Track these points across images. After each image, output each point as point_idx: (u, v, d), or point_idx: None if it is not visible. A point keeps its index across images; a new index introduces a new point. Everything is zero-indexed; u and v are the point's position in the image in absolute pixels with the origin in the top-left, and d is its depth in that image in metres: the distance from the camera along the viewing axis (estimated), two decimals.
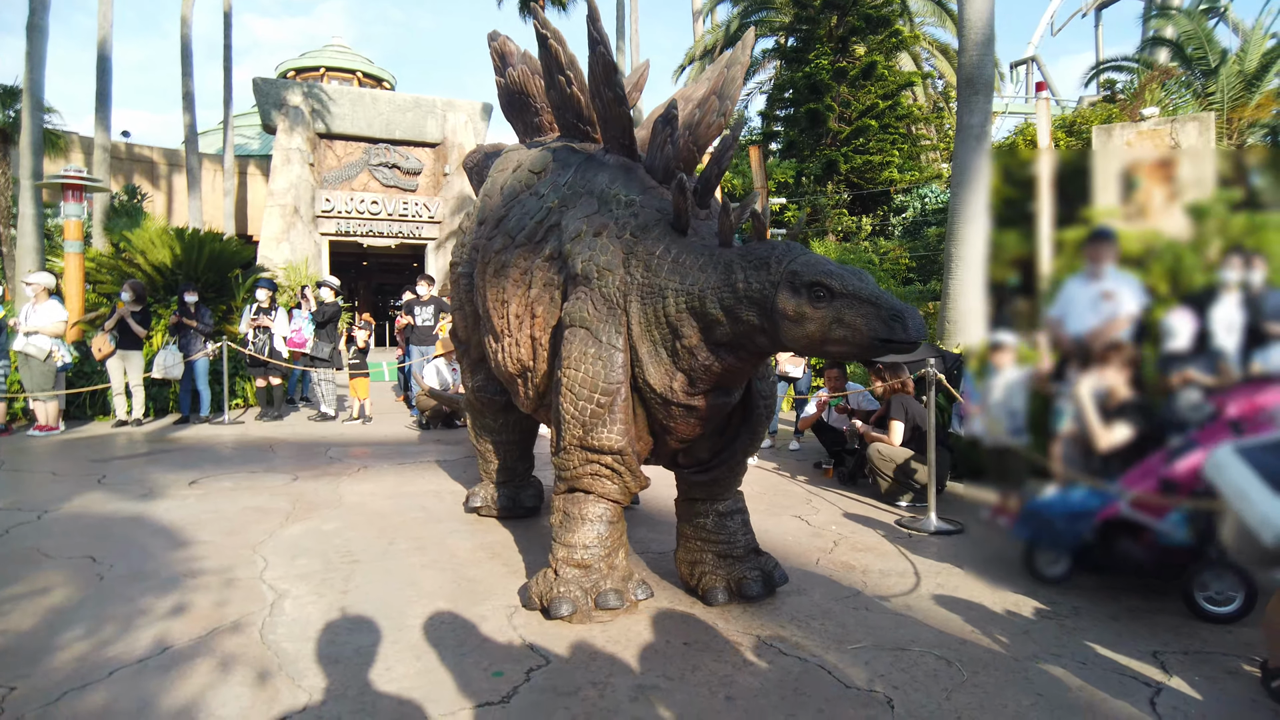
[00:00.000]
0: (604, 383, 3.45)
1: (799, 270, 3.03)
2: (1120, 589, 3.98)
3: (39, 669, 3.09)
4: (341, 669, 3.10)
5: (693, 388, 3.44)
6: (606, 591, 3.55)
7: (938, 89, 22.02)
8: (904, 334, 2.82)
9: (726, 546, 3.87)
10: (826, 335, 2.98)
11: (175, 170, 26.47)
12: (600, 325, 3.51)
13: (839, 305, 2.94)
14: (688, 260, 3.39)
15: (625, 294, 3.52)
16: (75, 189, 10.99)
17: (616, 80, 3.75)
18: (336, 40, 36.98)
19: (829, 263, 3.07)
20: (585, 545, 3.60)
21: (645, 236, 3.55)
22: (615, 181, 3.86)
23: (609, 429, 3.46)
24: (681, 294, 3.35)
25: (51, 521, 5.24)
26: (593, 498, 3.65)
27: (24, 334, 8.98)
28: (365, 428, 10.05)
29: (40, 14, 12.61)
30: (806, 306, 2.99)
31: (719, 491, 3.92)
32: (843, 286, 2.94)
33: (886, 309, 2.86)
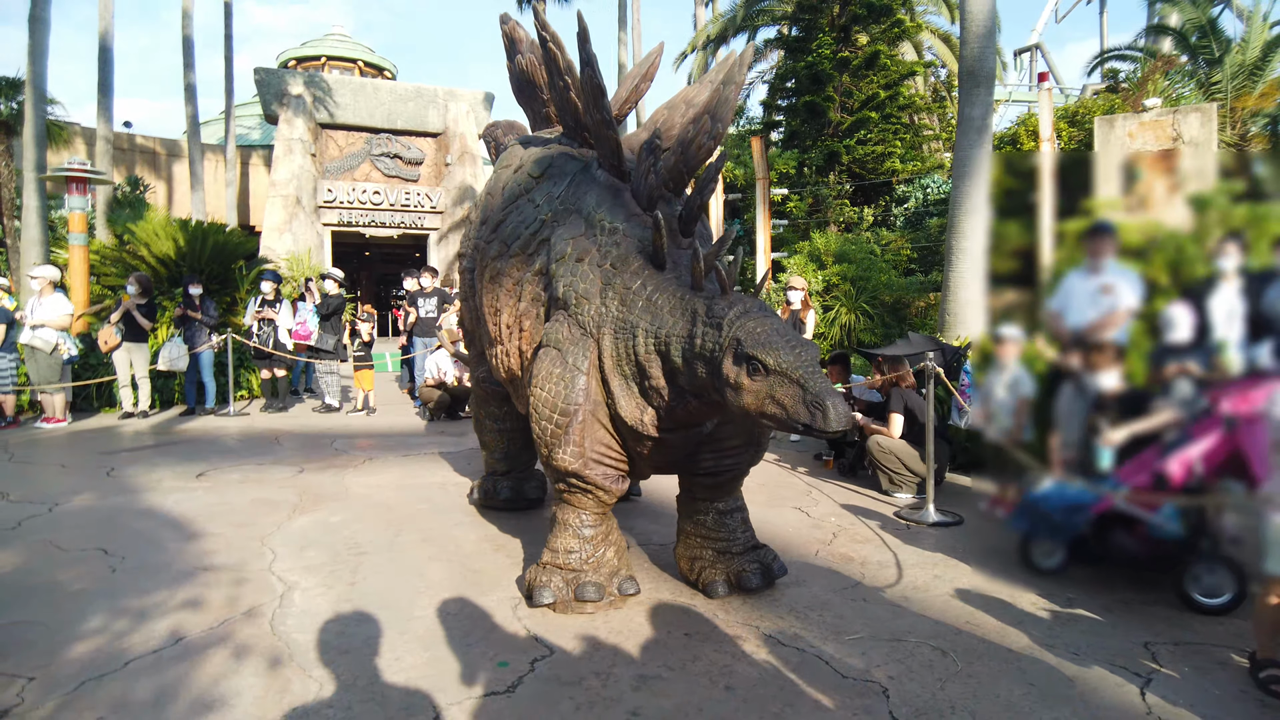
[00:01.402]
0: (563, 403, 3.53)
1: (741, 339, 2.99)
2: (1114, 581, 4.04)
3: (57, 660, 3.17)
4: (351, 659, 3.18)
5: (661, 423, 3.49)
6: (585, 584, 3.64)
7: (940, 77, 21.96)
8: (822, 423, 2.79)
9: (726, 543, 3.94)
10: (761, 409, 2.97)
11: (177, 161, 26.47)
12: (570, 348, 3.60)
13: (772, 382, 2.93)
14: (660, 301, 3.41)
15: (599, 324, 3.57)
16: (79, 182, 11.02)
17: (604, 104, 3.78)
18: (337, 29, 36.87)
19: (775, 334, 3.01)
20: (568, 550, 3.73)
21: (624, 269, 3.57)
22: (602, 204, 3.88)
23: (563, 450, 3.55)
24: (650, 335, 3.38)
25: (63, 514, 5.32)
26: (574, 507, 3.78)
27: (30, 327, 9.05)
28: (370, 419, 10.13)
29: (42, 6, 12.60)
30: (744, 377, 2.98)
31: (721, 494, 3.99)
32: (776, 363, 2.91)
33: (811, 394, 2.84)
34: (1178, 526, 3.74)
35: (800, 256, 12.94)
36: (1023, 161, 10.62)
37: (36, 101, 12.76)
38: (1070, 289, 4.29)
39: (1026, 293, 4.52)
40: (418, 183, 23.25)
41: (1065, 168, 4.72)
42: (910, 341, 6.74)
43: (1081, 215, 4.24)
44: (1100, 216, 4.25)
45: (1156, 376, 3.90)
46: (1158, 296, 4.02)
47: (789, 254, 13.71)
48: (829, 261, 12.68)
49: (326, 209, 21.97)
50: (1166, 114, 11.27)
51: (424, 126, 23.04)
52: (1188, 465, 3.66)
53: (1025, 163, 9.29)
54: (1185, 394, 3.78)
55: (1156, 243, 4.10)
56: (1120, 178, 4.38)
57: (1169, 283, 4.04)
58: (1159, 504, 3.70)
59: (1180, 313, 3.87)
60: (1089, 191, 4.33)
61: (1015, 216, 4.64)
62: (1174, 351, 3.84)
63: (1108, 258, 4.15)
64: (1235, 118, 15.12)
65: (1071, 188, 4.36)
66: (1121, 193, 4.31)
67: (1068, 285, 4.30)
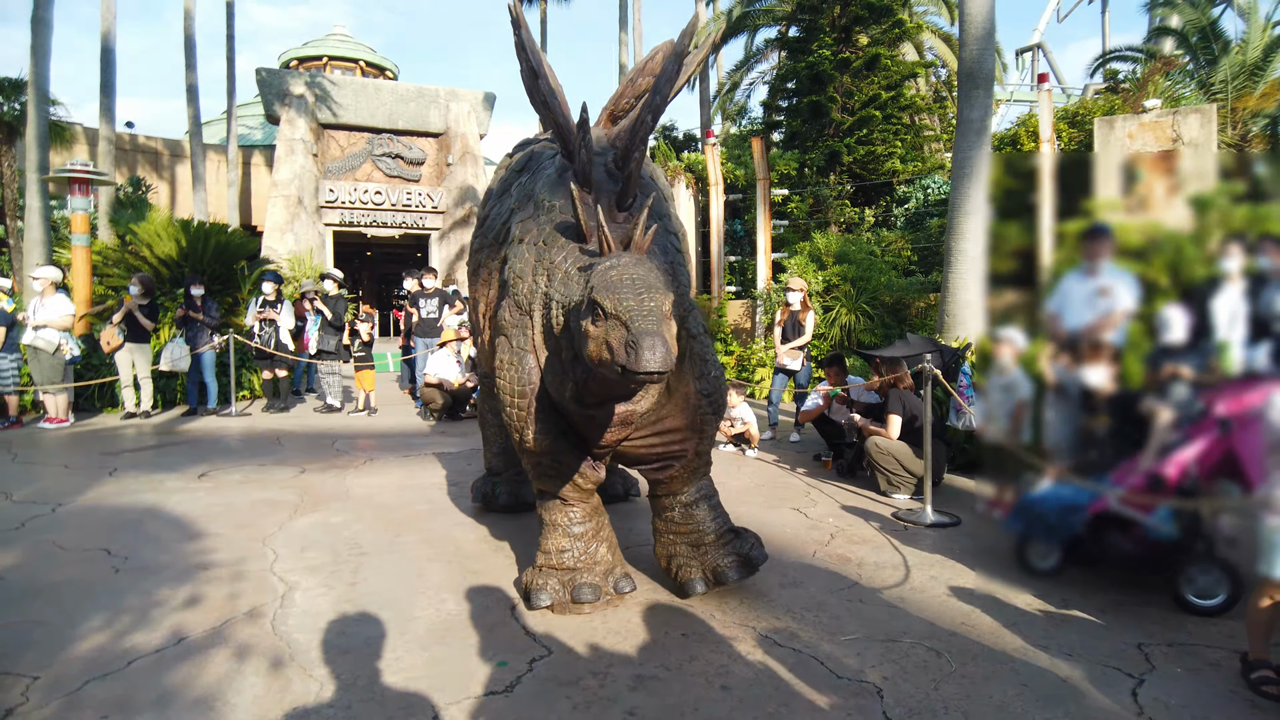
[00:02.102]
0: (518, 386, 3.56)
1: (594, 285, 2.93)
2: (1109, 582, 4.07)
3: (61, 659, 3.21)
4: (351, 659, 3.21)
5: (581, 397, 3.40)
6: (581, 586, 3.63)
7: (940, 78, 21.97)
8: (634, 363, 2.67)
9: (697, 535, 3.88)
10: (599, 356, 2.87)
11: (179, 161, 26.51)
12: (513, 331, 3.61)
13: (609, 326, 2.84)
14: (573, 272, 3.36)
15: (530, 301, 3.56)
16: (81, 183, 11.06)
17: (538, 86, 3.77)
18: (339, 29, 36.91)
19: (627, 281, 2.90)
20: (561, 550, 3.74)
21: (553, 244, 3.53)
22: (547, 186, 3.85)
23: (530, 430, 3.57)
24: (560, 305, 3.34)
25: (66, 515, 5.36)
26: (560, 503, 3.78)
27: (33, 328, 9.09)
28: (371, 419, 10.17)
29: (44, 7, 12.65)
30: (589, 324, 2.91)
31: (678, 486, 3.91)
32: (614, 306, 2.81)
33: (631, 335, 2.73)
34: (1172, 528, 3.76)
35: (801, 257, 12.96)
36: (1022, 162, 10.64)
37: (39, 102, 12.81)
38: (1068, 290, 4.31)
39: (1026, 294, 4.53)
40: (419, 183, 23.28)
41: (1065, 169, 4.73)
42: (909, 343, 6.77)
43: (1081, 216, 4.25)
44: (1097, 219, 4.26)
45: (1153, 378, 3.93)
46: (1157, 297, 4.03)
47: (789, 254, 13.73)
48: (829, 262, 12.71)
49: (328, 209, 22.01)
50: (1166, 115, 11.28)
51: (425, 127, 23.08)
52: (1183, 467, 3.69)
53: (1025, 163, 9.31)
54: (1180, 396, 3.80)
55: (1156, 244, 4.11)
56: (1120, 179, 4.40)
57: (1168, 284, 4.06)
58: (1154, 505, 3.73)
59: (1177, 314, 3.88)
60: (1089, 192, 4.34)
61: (1015, 217, 4.66)
62: (1171, 353, 3.86)
63: (1105, 260, 4.17)
64: (1236, 118, 15.14)
65: (1071, 189, 4.38)
66: (1121, 194, 4.33)
67: (1065, 287, 4.32)
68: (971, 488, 6.20)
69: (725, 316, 13.94)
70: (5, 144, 17.77)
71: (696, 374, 3.72)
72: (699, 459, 3.88)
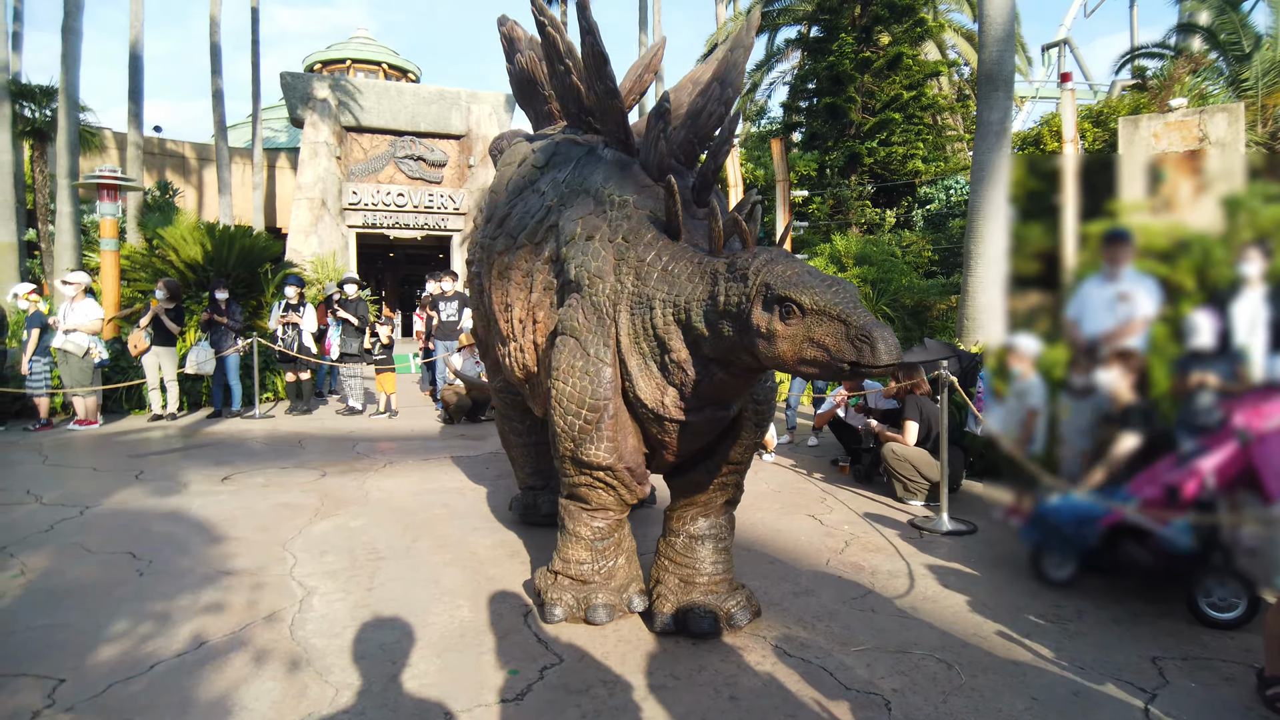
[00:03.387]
0: (590, 398, 3.35)
1: (771, 283, 2.76)
2: (1125, 592, 4.04)
3: (86, 662, 3.29)
4: (367, 665, 3.26)
5: (685, 403, 3.28)
6: (596, 606, 3.58)
7: (963, 76, 21.79)
8: (871, 357, 2.54)
9: (690, 572, 3.66)
10: (799, 355, 2.73)
11: (206, 164, 26.93)
12: (589, 336, 3.41)
13: (809, 322, 2.68)
14: (676, 269, 3.22)
15: (615, 303, 3.38)
16: (110, 189, 11.27)
17: (608, 72, 3.63)
18: (361, 32, 37.31)
19: (808, 274, 2.78)
20: (579, 561, 3.65)
21: (637, 241, 3.38)
22: (610, 180, 3.68)
23: (596, 446, 3.38)
24: (669, 305, 3.19)
25: (93, 517, 5.48)
26: (587, 512, 3.64)
27: (63, 332, 9.29)
28: (391, 422, 10.28)
29: (75, 16, 12.91)
30: (778, 323, 2.74)
31: (694, 513, 3.72)
32: (813, 302, 2.67)
33: (856, 328, 2.58)
34: (1189, 539, 3.73)
35: (820, 259, 12.93)
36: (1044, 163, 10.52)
37: (70, 110, 13.08)
38: (1087, 296, 4.26)
39: (1047, 297, 4.49)
40: (441, 184, 23.48)
41: (1088, 169, 4.68)
42: (926, 348, 6.75)
43: (1105, 218, 4.19)
44: (1116, 224, 4.20)
45: (1179, 386, 3.88)
46: (1183, 301, 3.98)
47: (809, 256, 13.70)
48: (849, 264, 12.67)
49: (351, 211, 22.27)
50: (1193, 114, 11.13)
51: (447, 129, 23.27)
52: (1200, 479, 3.65)
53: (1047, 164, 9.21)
54: (1203, 405, 3.76)
55: (1182, 246, 4.05)
56: (1145, 179, 4.34)
57: (1194, 288, 4.00)
58: (1171, 518, 3.69)
59: (1204, 320, 3.80)
60: (1113, 194, 4.28)
61: (1037, 219, 4.62)
62: (1199, 360, 3.80)
63: (1125, 264, 4.11)
64: (1266, 115, 14.88)
65: (1095, 190, 4.32)
66: (1146, 195, 4.27)
67: (1085, 292, 4.27)
68: (989, 494, 6.16)
69: None
70: (37, 150, 18.12)
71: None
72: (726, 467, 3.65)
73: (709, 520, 3.73)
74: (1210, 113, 11.02)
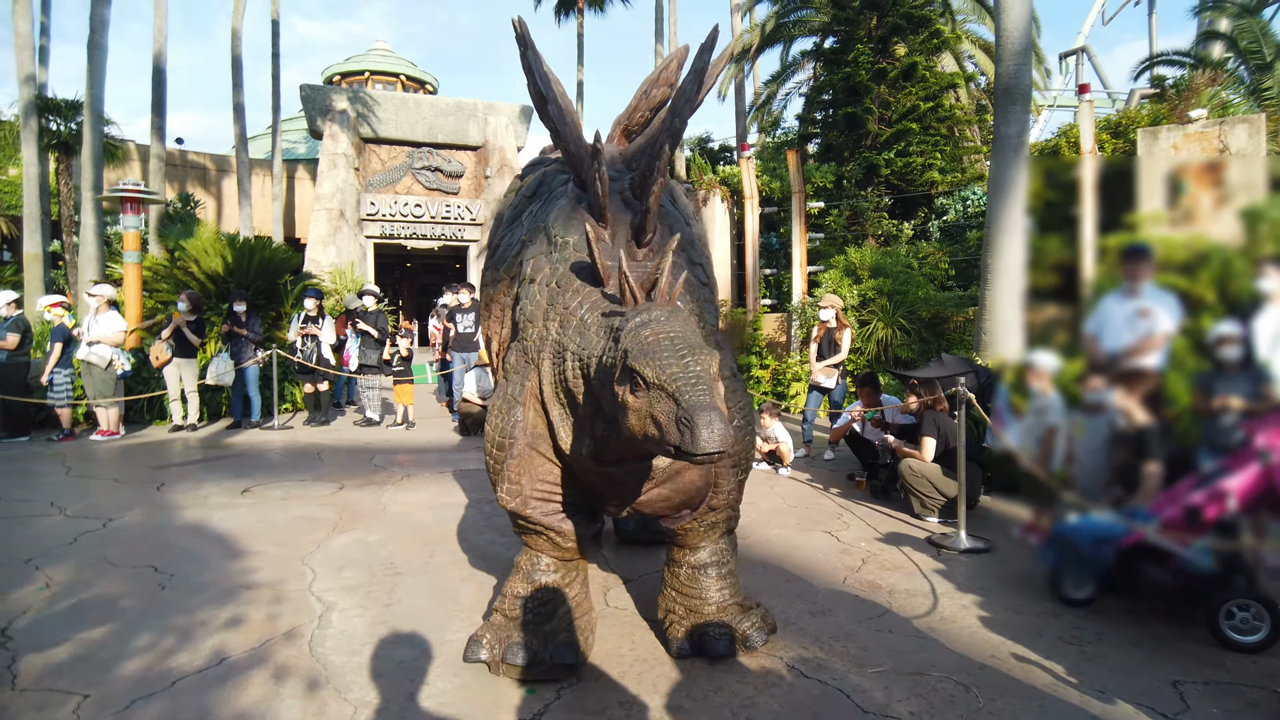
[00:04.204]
0: (499, 437, 3.30)
1: (629, 350, 2.59)
2: (1145, 614, 4.00)
3: (109, 677, 3.33)
4: (385, 683, 3.29)
5: (602, 456, 3.05)
6: (514, 645, 3.32)
7: (981, 86, 21.72)
8: (690, 444, 2.34)
9: (698, 601, 3.58)
10: (644, 430, 2.55)
11: (226, 175, 27.24)
12: (513, 378, 3.36)
13: (652, 397, 2.51)
14: (591, 319, 3.05)
15: (539, 349, 3.25)
16: (134, 202, 11.45)
17: (549, 112, 3.55)
18: (380, 44, 37.65)
19: (666, 341, 2.58)
20: (516, 597, 3.46)
21: (566, 287, 3.22)
22: (559, 219, 3.52)
23: (500, 487, 3.32)
24: (577, 357, 3.02)
25: (116, 530, 5.55)
26: (530, 551, 3.52)
27: (87, 343, 9.42)
28: (409, 433, 10.34)
29: (100, 33, 13.13)
30: (629, 395, 2.58)
31: (692, 540, 3.60)
32: (655, 375, 2.48)
33: (684, 409, 2.39)
34: (1211, 561, 3.69)
35: (835, 271, 12.91)
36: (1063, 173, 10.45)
37: (94, 124, 13.30)
38: (1107, 311, 4.23)
39: (1065, 312, 4.45)
40: (458, 195, 23.65)
41: (1107, 180, 4.64)
42: (944, 363, 6.72)
43: (1124, 230, 4.15)
44: (1135, 239, 4.16)
45: (1200, 404, 3.85)
46: (1203, 315, 3.94)
47: (824, 268, 13.68)
48: (864, 276, 12.64)
49: (369, 222, 22.46)
50: (1213, 125, 11.04)
51: (464, 140, 23.45)
52: (1221, 500, 3.62)
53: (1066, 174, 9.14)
54: (1225, 425, 3.72)
55: (1202, 259, 4.01)
56: (1165, 190, 4.31)
57: (1215, 301, 3.97)
58: (1191, 540, 3.66)
59: (1228, 334, 3.75)
60: (1132, 205, 4.25)
61: (1055, 231, 4.58)
62: (1220, 377, 3.76)
63: (1145, 281, 4.07)
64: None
65: (1114, 201, 4.29)
66: (1166, 206, 4.24)
67: (1105, 307, 4.23)
68: (1008, 512, 6.12)
69: (760, 330, 13.92)
70: (62, 162, 18.41)
71: None
72: (714, 514, 3.52)
73: (708, 546, 3.63)
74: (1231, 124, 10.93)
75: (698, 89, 3.29)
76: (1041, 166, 14.09)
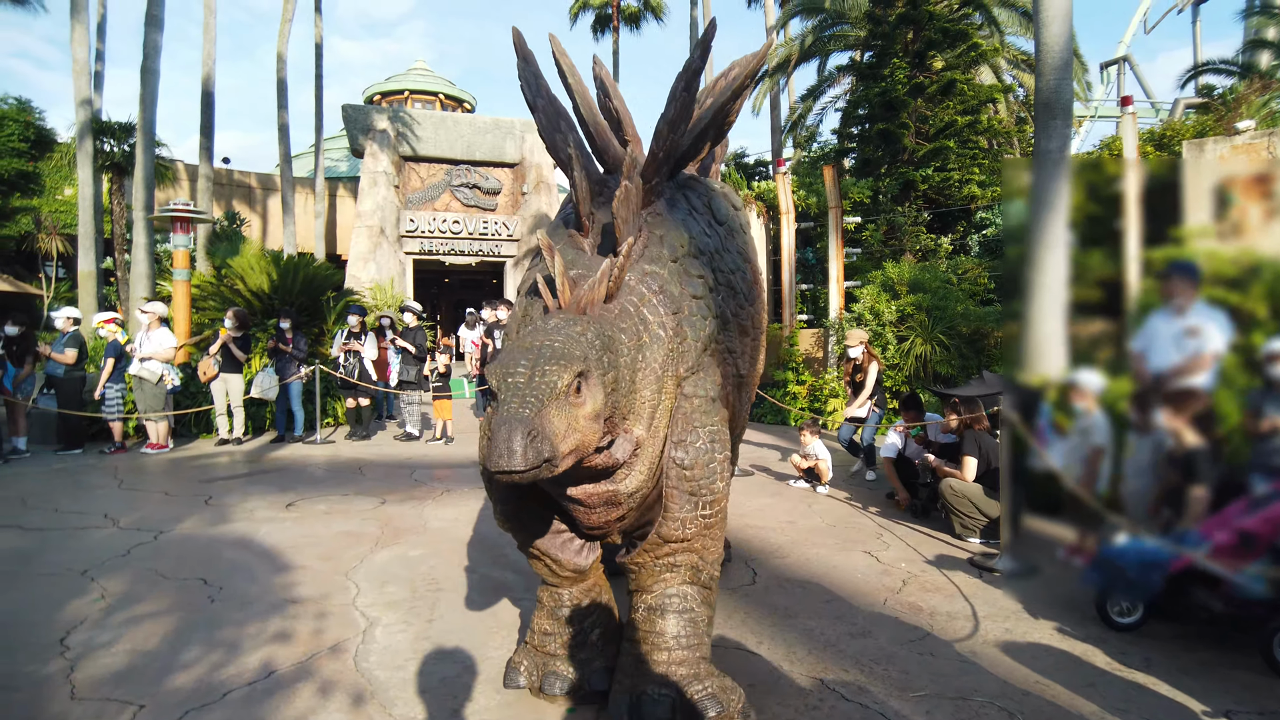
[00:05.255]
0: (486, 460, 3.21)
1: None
2: (1195, 640, 3.91)
3: (162, 688, 3.43)
4: (429, 699, 3.34)
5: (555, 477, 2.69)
6: (550, 675, 3.28)
7: (1020, 98, 21.48)
8: (482, 456, 2.19)
9: (648, 648, 3.08)
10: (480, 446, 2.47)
11: (270, 194, 27.90)
12: None
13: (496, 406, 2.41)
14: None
15: None
16: (183, 221, 11.79)
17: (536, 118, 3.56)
18: (420, 63, 38.40)
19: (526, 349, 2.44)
20: (544, 632, 3.40)
21: (534, 300, 3.10)
22: (550, 227, 3.44)
23: (495, 508, 3.25)
24: None
25: (167, 543, 5.70)
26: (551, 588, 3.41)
27: (139, 359, 9.70)
28: (448, 448, 10.46)
29: (153, 59, 13.58)
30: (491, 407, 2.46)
31: (644, 578, 3.14)
32: (495, 384, 2.39)
33: (494, 425, 2.26)
34: (1264, 586, 3.60)
35: (873, 286, 12.83)
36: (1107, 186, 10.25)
37: (147, 147, 13.72)
38: (1154, 330, 4.16)
39: (1109, 328, 4.39)
40: (495, 212, 23.97)
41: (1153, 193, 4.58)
42: (985, 381, 6.64)
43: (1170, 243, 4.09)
44: (1179, 257, 4.10)
45: (1251, 424, 3.77)
46: (1255, 331, 3.87)
47: (861, 283, 13.59)
48: (903, 291, 12.53)
49: (408, 238, 22.84)
50: (1261, 136, 10.81)
51: (501, 157, 23.78)
52: (1276, 523, 3.53)
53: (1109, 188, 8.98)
54: (1277, 447, 3.64)
55: (1253, 273, 3.94)
56: (1212, 203, 4.25)
57: (1267, 316, 3.89)
58: (1244, 565, 3.58)
59: None
60: (1178, 218, 4.19)
61: (1099, 244, 4.53)
62: (1274, 396, 3.69)
63: (1190, 299, 4.00)
64: None
65: (1159, 214, 4.23)
66: (1213, 219, 4.17)
67: (1151, 325, 4.17)
68: (1050, 532, 6.01)
69: (797, 346, 13.87)
70: (115, 183, 19.03)
71: (676, 439, 2.99)
72: (668, 548, 3.04)
73: (661, 585, 3.12)
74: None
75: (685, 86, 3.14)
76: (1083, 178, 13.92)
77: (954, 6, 17.14)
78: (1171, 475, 3.99)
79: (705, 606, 3.17)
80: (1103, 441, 4.27)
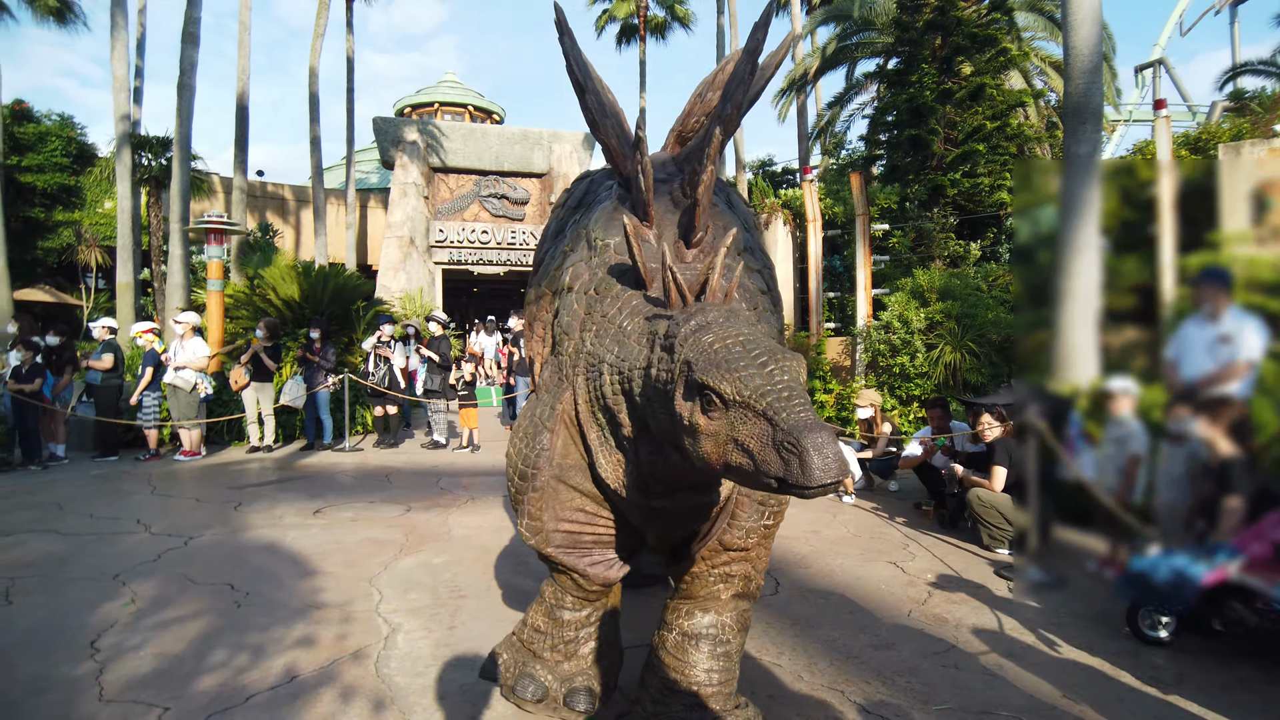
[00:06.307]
0: (522, 465, 2.99)
1: (692, 361, 2.16)
2: (1230, 655, 3.81)
3: (188, 691, 3.48)
4: (448, 705, 3.35)
5: (648, 484, 2.66)
6: (525, 677, 3.20)
7: (1050, 103, 21.21)
8: (799, 476, 1.88)
9: (678, 678, 2.96)
10: (725, 459, 2.09)
11: (303, 205, 28.35)
12: (545, 396, 3.02)
13: (733, 418, 2.05)
14: (630, 326, 2.64)
15: (574, 364, 2.87)
16: (218, 233, 12.01)
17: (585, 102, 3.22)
18: (450, 76, 38.82)
19: (739, 348, 2.14)
20: (536, 629, 3.32)
21: (606, 293, 2.84)
22: (599, 221, 3.14)
23: (521, 521, 3.03)
24: (615, 370, 2.62)
25: (196, 548, 5.79)
26: (555, 585, 3.28)
27: (173, 368, 9.90)
28: (473, 456, 10.52)
29: (189, 74, 13.90)
30: (699, 415, 2.13)
31: (698, 589, 3.06)
32: (735, 391, 2.04)
33: (783, 432, 1.94)
34: None
35: (902, 294, 12.71)
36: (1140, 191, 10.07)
37: (183, 160, 14.03)
38: (1187, 337, 4.08)
39: (1143, 335, 4.32)
40: (523, 221, 24.15)
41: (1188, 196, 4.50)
42: (1014, 390, 6.54)
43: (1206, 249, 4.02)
44: (1211, 263, 4.02)
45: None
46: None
47: (890, 291, 13.48)
48: (933, 298, 12.40)
49: (438, 248, 23.08)
50: None
51: (529, 168, 23.96)
52: None
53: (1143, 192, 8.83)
54: None
55: None
56: (1249, 207, 4.16)
57: None
58: None
59: None
60: (1214, 223, 4.11)
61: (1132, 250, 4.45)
62: None
63: (1222, 305, 3.92)
64: None
65: (1195, 219, 4.16)
66: (1251, 224, 4.09)
67: (1185, 332, 4.09)
68: (1081, 543, 5.89)
69: (824, 354, 13.77)
70: (152, 195, 19.47)
71: None
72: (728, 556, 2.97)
73: (709, 617, 3.03)
74: None
75: (751, 70, 2.74)
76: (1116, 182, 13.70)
77: (982, 12, 16.98)
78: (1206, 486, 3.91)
79: (740, 634, 3.09)
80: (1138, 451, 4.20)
